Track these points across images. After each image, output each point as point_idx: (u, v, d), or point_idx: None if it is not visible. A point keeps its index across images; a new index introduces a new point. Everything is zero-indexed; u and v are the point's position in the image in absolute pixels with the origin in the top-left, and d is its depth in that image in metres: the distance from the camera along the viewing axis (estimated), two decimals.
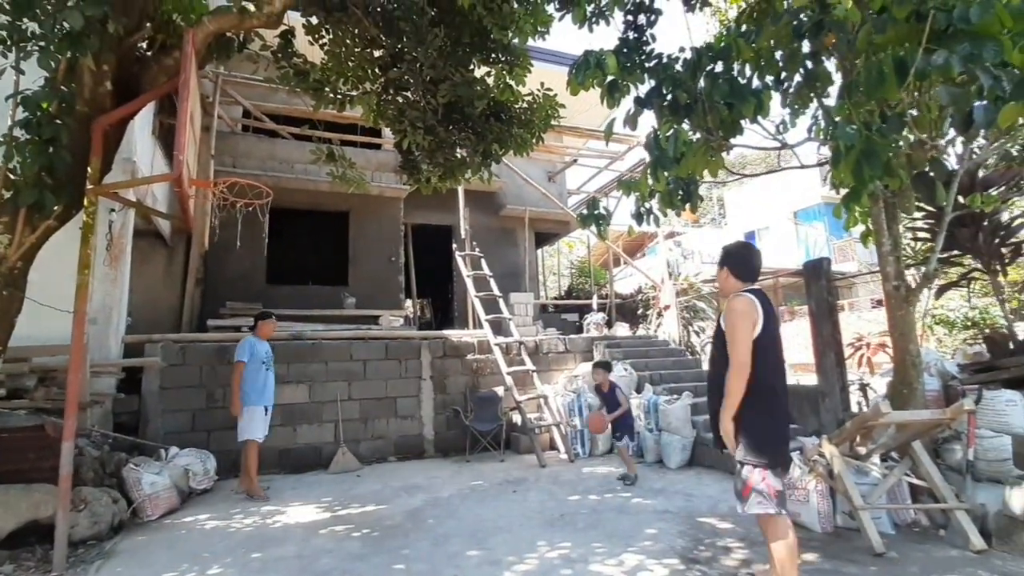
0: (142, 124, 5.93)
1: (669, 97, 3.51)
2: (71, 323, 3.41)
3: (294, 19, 4.23)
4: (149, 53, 3.79)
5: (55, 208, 3.18)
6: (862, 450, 3.60)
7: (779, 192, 19.62)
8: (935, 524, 3.42)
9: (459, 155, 4.83)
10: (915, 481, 3.45)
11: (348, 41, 4.23)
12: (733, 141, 3.81)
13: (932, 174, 2.81)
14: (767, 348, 2.43)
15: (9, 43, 3.06)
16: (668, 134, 3.40)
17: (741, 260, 2.66)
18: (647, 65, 3.65)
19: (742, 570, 2.93)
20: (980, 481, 3.35)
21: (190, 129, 3.70)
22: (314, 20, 4.29)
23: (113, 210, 5.21)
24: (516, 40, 4.69)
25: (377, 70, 4.40)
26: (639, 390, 6.62)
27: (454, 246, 8.62)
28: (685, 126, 3.53)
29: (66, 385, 3.80)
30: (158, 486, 4.31)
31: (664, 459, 5.64)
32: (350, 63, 4.32)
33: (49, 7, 2.82)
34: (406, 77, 4.23)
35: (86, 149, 3.33)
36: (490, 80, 4.53)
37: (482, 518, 3.97)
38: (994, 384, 3.70)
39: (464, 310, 9.10)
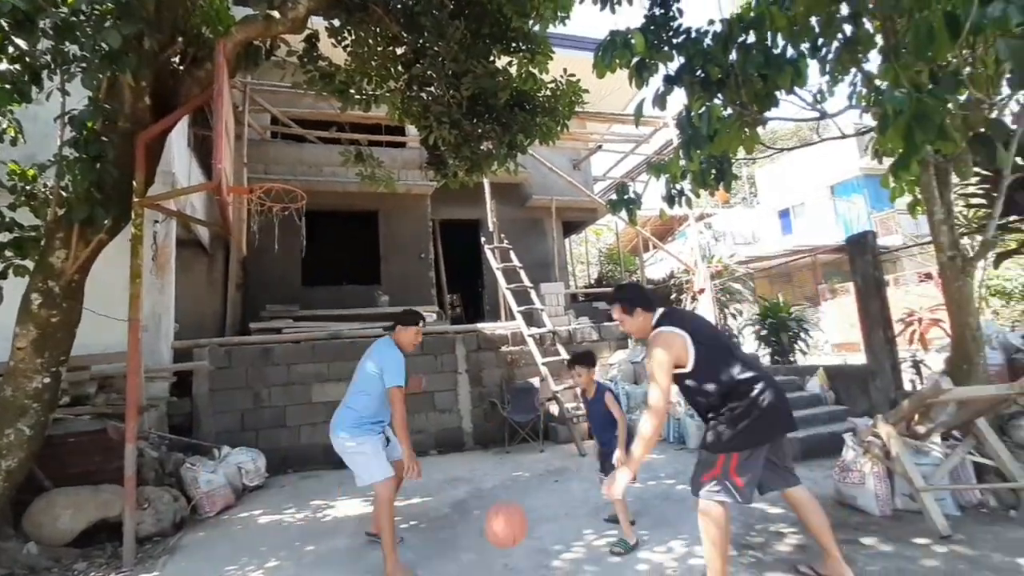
0: (178, 137, 6.13)
1: (700, 73, 3.40)
2: (125, 331, 3.57)
3: (317, 23, 4.28)
4: (182, 67, 3.91)
5: (106, 222, 3.32)
6: (920, 429, 3.44)
7: (813, 167, 18.89)
8: (1004, 505, 3.25)
9: (485, 148, 4.82)
10: (981, 460, 3.28)
11: (370, 40, 4.26)
12: (768, 114, 3.67)
13: (991, 135, 2.64)
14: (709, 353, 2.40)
15: (54, 66, 3.19)
16: (700, 111, 3.30)
17: (641, 294, 2.62)
18: (675, 41, 3.53)
19: (795, 555, 2.85)
20: None
21: (225, 138, 3.80)
22: (336, 22, 4.33)
23: (157, 221, 5.42)
24: (537, 27, 4.64)
25: (400, 67, 4.42)
26: None
27: (482, 239, 8.63)
28: (718, 101, 3.41)
29: (124, 391, 4.00)
30: (214, 484, 4.49)
31: None
32: (373, 62, 4.35)
33: (89, 29, 2.92)
34: (429, 72, 4.24)
35: (130, 163, 3.46)
36: (512, 70, 4.49)
37: (528, 508, 3.94)
38: None
39: (495, 303, 9.13)
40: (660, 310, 2.56)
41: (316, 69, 4.33)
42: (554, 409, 6.57)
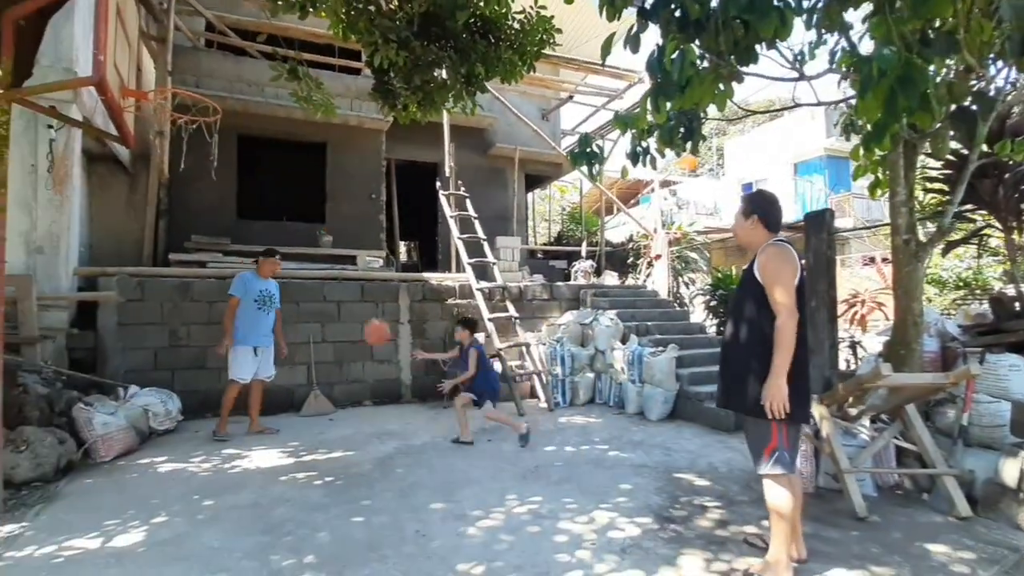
0: (86, 31, 5.26)
1: (678, 11, 3.04)
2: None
3: None
4: None
5: None
6: (852, 412, 3.43)
7: (780, 144, 18.98)
8: (919, 488, 3.31)
9: (439, 77, 4.32)
10: (903, 444, 3.31)
11: None
12: (746, 71, 3.38)
13: (975, 109, 2.45)
14: (799, 302, 2.26)
15: None
16: (674, 55, 2.96)
17: (771, 209, 2.45)
18: None
19: (717, 530, 2.80)
20: (971, 447, 3.21)
21: (119, 28, 3.17)
22: None
23: (51, 127, 4.67)
24: None
25: None
26: (624, 341, 6.44)
27: (438, 184, 8.13)
28: (694, 46, 3.08)
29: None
30: (112, 426, 4.08)
31: (645, 411, 5.53)
32: None
33: None
34: None
35: None
36: None
37: (454, 468, 3.82)
38: (998, 348, 3.50)
39: (448, 253, 8.75)
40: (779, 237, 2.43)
41: None
42: (497, 366, 6.39)
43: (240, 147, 7.79)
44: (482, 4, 4.12)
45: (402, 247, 15.33)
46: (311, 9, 3.85)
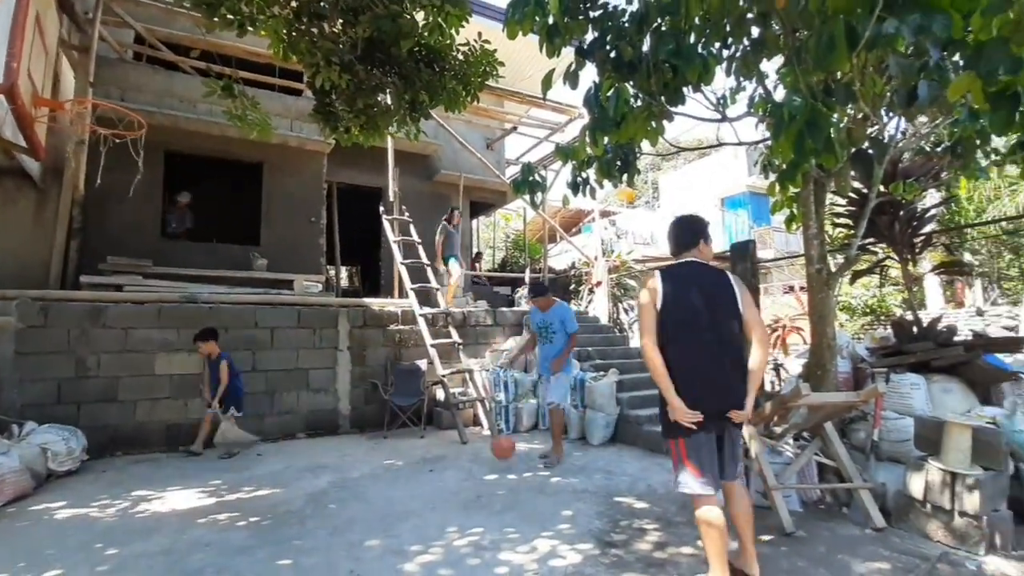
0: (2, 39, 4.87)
1: (612, 52, 3.23)
2: None
3: None
4: None
5: None
6: (777, 430, 3.62)
7: (708, 180, 20.34)
8: (839, 502, 3.52)
9: (382, 102, 4.32)
10: (823, 460, 3.52)
11: None
12: (674, 110, 3.62)
13: (872, 152, 2.75)
14: (683, 316, 2.46)
15: None
16: (609, 92, 3.13)
17: (673, 233, 2.76)
18: (592, 14, 3.33)
19: (656, 552, 2.84)
20: (882, 461, 3.47)
21: (36, 34, 2.96)
22: None
23: None
24: None
25: None
26: None
27: (381, 208, 8.03)
28: (628, 86, 3.28)
29: None
30: (3, 468, 3.63)
31: (587, 436, 5.58)
32: None
33: None
34: (322, 2, 3.66)
35: None
36: (420, 17, 4.02)
37: (392, 501, 3.66)
38: (900, 368, 3.84)
39: (392, 278, 8.59)
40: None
41: None
42: (440, 394, 6.28)
43: (167, 164, 7.37)
44: (426, 34, 4.19)
45: (344, 272, 14.92)
46: (250, 28, 3.77)
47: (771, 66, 4.20)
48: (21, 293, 4.93)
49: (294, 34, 4.00)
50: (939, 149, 4.14)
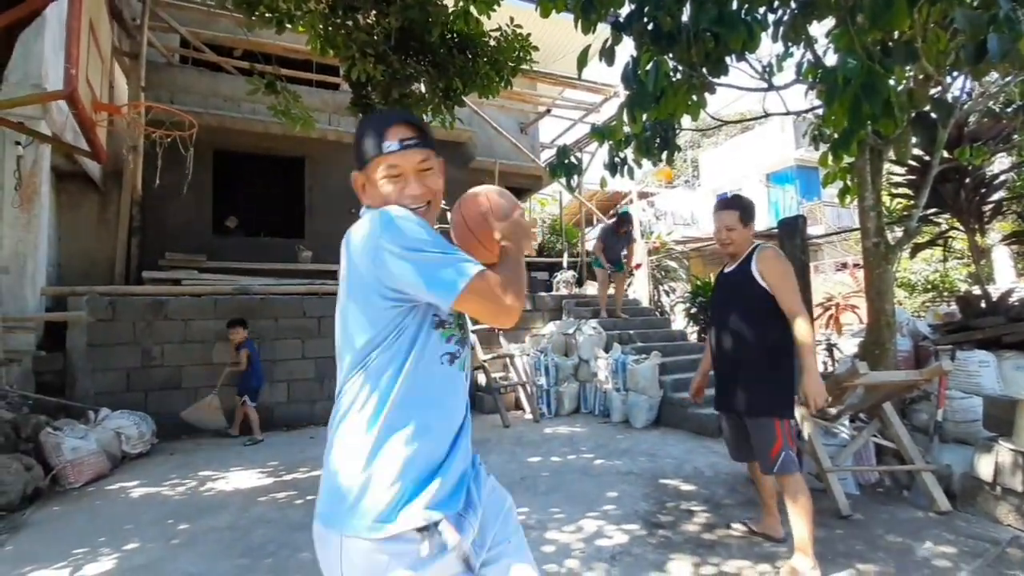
0: (56, 47, 5.17)
1: (651, 24, 3.12)
2: None
3: None
4: None
5: None
6: (832, 411, 3.49)
7: (752, 154, 19.48)
8: (899, 485, 3.37)
9: (417, 91, 4.35)
10: (882, 442, 3.37)
11: None
12: (717, 82, 3.48)
13: (934, 115, 2.56)
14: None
15: None
16: (648, 66, 3.04)
17: (753, 211, 2.55)
18: None
19: (704, 534, 2.81)
20: (947, 442, 3.29)
21: (91, 42, 3.12)
22: None
23: (19, 143, 4.55)
24: None
25: None
26: (607, 349, 6.47)
27: None
28: (667, 59, 3.16)
29: None
30: (82, 451, 3.93)
31: (630, 419, 5.54)
32: None
33: None
34: None
35: None
36: (449, 3, 4.01)
37: None
38: (967, 345, 3.62)
39: None
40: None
41: None
42: (481, 379, 6.36)
43: (216, 163, 7.69)
44: (457, 21, 4.18)
45: None
46: (288, 25, 3.86)
47: (821, 29, 3.96)
48: (90, 289, 5.28)
49: (330, 28, 4.07)
50: (1010, 109, 3.83)
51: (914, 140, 3.31)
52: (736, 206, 2.55)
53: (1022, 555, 2.55)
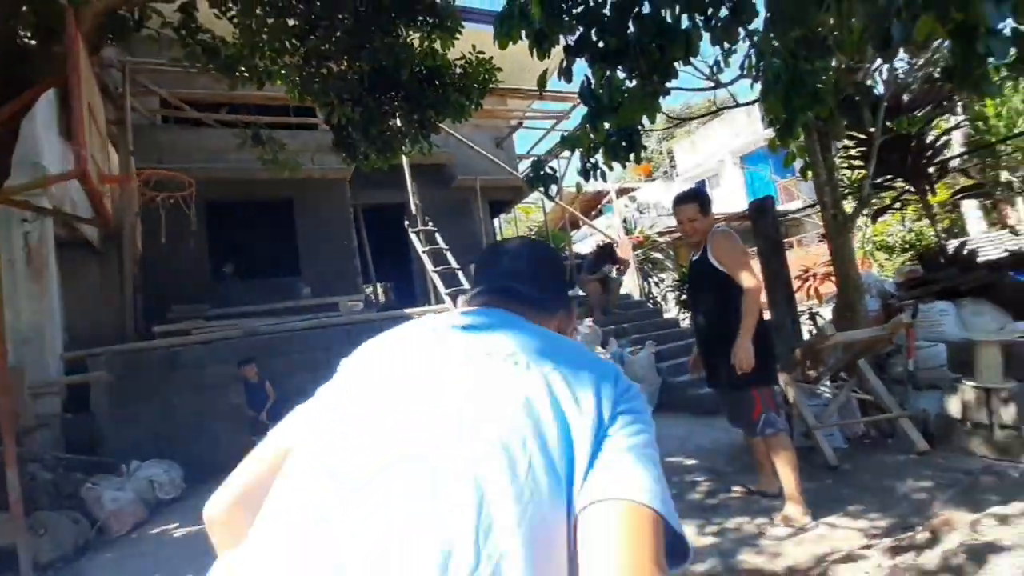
0: (47, 124, 5.46)
1: (599, 44, 3.43)
2: None
3: None
4: (35, 42, 3.44)
5: None
6: (813, 374, 3.77)
7: (724, 139, 19.93)
8: (883, 434, 3.65)
9: (394, 125, 4.64)
10: (863, 396, 3.65)
11: (258, 11, 3.93)
12: (669, 85, 3.79)
13: (858, 99, 2.87)
14: None
15: None
16: (602, 82, 3.34)
17: (709, 200, 2.88)
18: (575, 12, 3.53)
19: (707, 500, 3.06)
20: (920, 389, 3.57)
21: (91, 121, 3.39)
22: None
23: (26, 220, 4.81)
24: None
25: (294, 40, 4.13)
26: (604, 344, 6.73)
27: (406, 222, 8.41)
28: (619, 72, 3.47)
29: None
30: (121, 501, 4.15)
31: None
32: (264, 34, 4.03)
33: None
34: (326, 46, 4.00)
35: None
36: (416, 42, 4.32)
37: None
38: (928, 297, 3.91)
39: (425, 287, 8.98)
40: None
41: (197, 43, 3.95)
42: None
43: (208, 213, 7.95)
44: (426, 59, 4.47)
45: (379, 289, 15.46)
46: (268, 80, 4.15)
47: (759, 24, 4.29)
48: (107, 349, 5.51)
49: (307, 77, 4.36)
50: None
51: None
52: (694, 199, 2.85)
53: (994, 480, 2.82)
